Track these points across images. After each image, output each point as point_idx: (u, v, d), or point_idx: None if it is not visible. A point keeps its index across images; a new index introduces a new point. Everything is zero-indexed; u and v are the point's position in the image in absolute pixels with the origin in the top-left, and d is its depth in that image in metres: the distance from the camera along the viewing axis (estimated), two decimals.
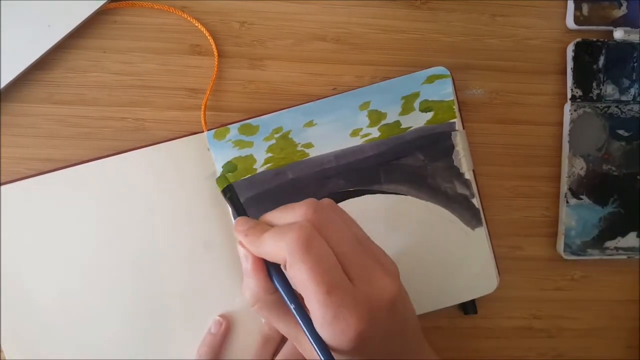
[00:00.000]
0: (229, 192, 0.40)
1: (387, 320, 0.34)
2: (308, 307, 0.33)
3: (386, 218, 0.47)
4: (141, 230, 0.46)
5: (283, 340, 0.46)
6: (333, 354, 0.32)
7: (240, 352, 0.47)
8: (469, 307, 0.50)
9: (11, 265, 0.45)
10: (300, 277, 0.32)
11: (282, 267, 0.35)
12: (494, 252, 0.49)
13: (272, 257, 0.34)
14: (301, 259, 0.32)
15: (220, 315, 0.46)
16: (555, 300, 0.52)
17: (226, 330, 0.46)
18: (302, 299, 0.33)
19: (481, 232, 0.48)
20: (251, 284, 0.35)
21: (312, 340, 0.33)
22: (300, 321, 0.34)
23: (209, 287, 0.46)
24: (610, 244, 0.51)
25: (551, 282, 0.52)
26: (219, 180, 0.40)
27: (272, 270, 0.35)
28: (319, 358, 0.33)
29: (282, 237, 0.33)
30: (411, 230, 0.47)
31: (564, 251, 0.51)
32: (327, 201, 0.36)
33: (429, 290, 0.48)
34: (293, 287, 0.35)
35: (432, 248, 0.48)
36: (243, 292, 0.36)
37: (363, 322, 0.32)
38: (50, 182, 0.45)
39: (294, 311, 0.34)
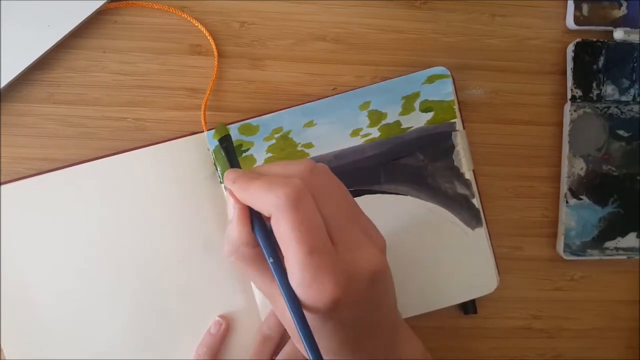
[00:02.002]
0: (226, 142, 0.39)
1: (365, 291, 0.33)
2: (287, 265, 0.32)
3: (386, 218, 0.47)
4: (141, 230, 0.46)
5: (282, 340, 0.46)
6: (305, 314, 0.32)
7: (239, 352, 0.47)
8: (469, 307, 0.50)
9: (11, 265, 0.45)
10: (283, 233, 0.31)
11: (265, 220, 0.34)
12: (493, 252, 0.49)
13: (258, 207, 0.33)
14: (287, 216, 0.31)
15: (220, 316, 0.46)
16: (555, 301, 0.52)
17: (225, 331, 0.46)
18: (282, 256, 0.32)
19: (481, 232, 0.48)
20: (233, 233, 0.34)
21: (285, 298, 0.32)
22: (276, 277, 0.32)
23: (208, 287, 0.46)
24: (610, 244, 0.51)
25: (551, 283, 0.52)
26: (217, 129, 0.39)
27: (255, 222, 0.34)
28: (291, 322, 0.32)
29: (272, 189, 0.32)
30: (411, 230, 0.47)
31: (564, 251, 0.51)
32: (322, 165, 0.35)
33: (429, 290, 0.48)
34: (275, 242, 0.33)
35: (432, 248, 0.48)
36: (224, 243, 0.35)
37: (340, 288, 0.31)
38: (50, 182, 0.45)
39: (271, 266, 0.33)
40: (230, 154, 0.39)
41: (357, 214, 0.35)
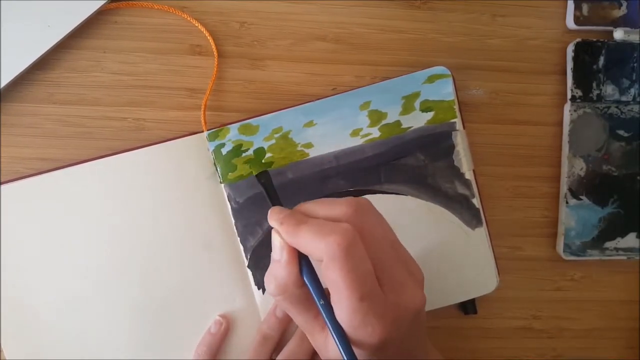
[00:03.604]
0: (264, 178, 0.40)
1: (409, 327, 0.34)
2: (336, 307, 0.33)
3: (386, 218, 0.47)
4: (141, 230, 0.46)
5: (281, 339, 0.46)
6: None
7: (239, 352, 0.46)
8: (469, 307, 0.50)
9: (11, 264, 0.45)
10: (335, 280, 0.32)
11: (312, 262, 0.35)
12: (494, 252, 0.49)
13: (307, 252, 0.34)
14: (339, 264, 0.32)
15: (221, 315, 0.46)
16: (555, 301, 0.53)
17: (226, 330, 0.46)
18: (329, 295, 0.33)
19: (481, 232, 0.48)
20: (281, 274, 0.35)
21: (335, 337, 0.33)
22: (326, 318, 0.34)
23: (208, 287, 0.46)
24: (609, 244, 0.51)
25: (551, 283, 0.52)
26: (254, 165, 0.41)
27: (303, 265, 0.35)
28: (334, 356, 0.33)
29: (324, 237, 0.32)
30: (411, 230, 0.47)
31: (564, 251, 0.51)
32: (366, 202, 0.36)
33: (429, 289, 0.47)
34: (322, 283, 0.35)
35: (433, 248, 0.48)
36: (268, 282, 0.36)
37: (388, 330, 0.33)
38: (50, 182, 0.45)
39: (321, 308, 0.34)
40: (269, 189, 0.40)
41: (399, 250, 0.36)
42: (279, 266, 0.35)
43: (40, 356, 0.45)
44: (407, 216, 0.47)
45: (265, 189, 0.40)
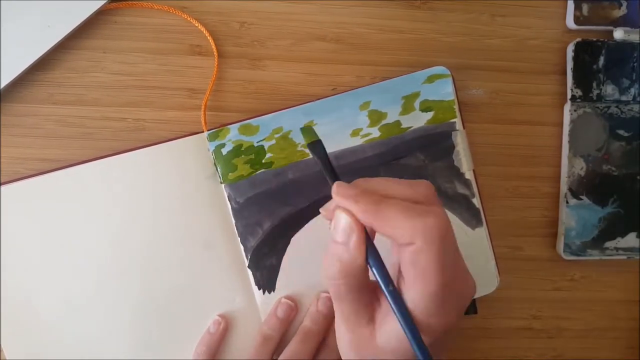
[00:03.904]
0: (318, 148, 0.37)
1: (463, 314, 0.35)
2: (410, 294, 0.32)
3: None
4: (141, 230, 0.46)
5: (282, 340, 0.46)
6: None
7: (239, 352, 0.47)
8: (469, 307, 0.50)
9: (11, 265, 0.44)
10: (425, 265, 0.31)
11: (393, 247, 0.34)
12: (494, 252, 0.49)
13: (390, 234, 0.31)
14: (437, 248, 0.31)
15: (220, 315, 0.46)
16: (555, 301, 0.53)
17: (225, 330, 0.46)
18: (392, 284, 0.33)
19: (481, 232, 0.48)
20: (347, 258, 0.32)
21: (405, 325, 0.31)
22: (395, 304, 0.32)
23: (209, 287, 0.46)
24: (610, 244, 0.51)
25: (551, 283, 0.52)
26: (306, 132, 0.37)
27: (369, 248, 0.33)
28: (382, 348, 0.33)
29: (417, 218, 0.31)
30: None
31: (564, 251, 0.51)
32: (431, 184, 0.35)
33: None
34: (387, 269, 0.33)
35: None
36: (329, 265, 0.33)
37: (455, 318, 0.33)
38: (50, 182, 0.45)
39: (388, 294, 0.32)
40: (325, 160, 0.37)
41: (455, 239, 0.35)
42: (346, 249, 0.33)
43: (40, 356, 0.45)
44: None
45: (321, 162, 0.36)
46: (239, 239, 0.46)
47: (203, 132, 0.46)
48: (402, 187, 0.33)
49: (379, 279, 0.33)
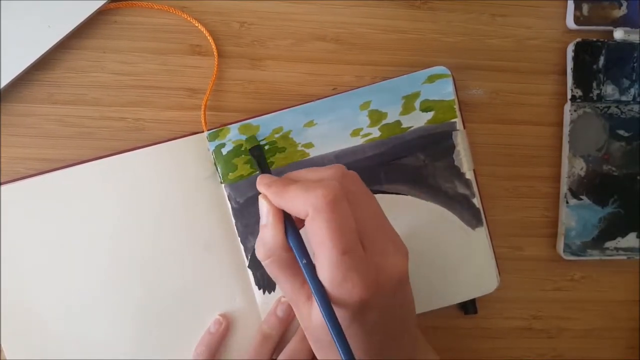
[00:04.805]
0: (257, 151, 0.42)
1: (390, 297, 0.34)
2: (318, 265, 0.33)
3: (387, 218, 0.47)
4: (141, 230, 0.46)
5: (282, 339, 0.46)
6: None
7: (238, 352, 0.46)
8: (469, 307, 0.50)
9: (11, 265, 0.44)
10: (319, 232, 0.32)
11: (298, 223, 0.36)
12: (494, 252, 0.49)
13: (294, 209, 0.34)
14: (325, 215, 0.32)
15: (221, 315, 0.46)
16: (555, 301, 0.53)
17: (225, 330, 0.46)
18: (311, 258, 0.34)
19: (482, 231, 0.48)
20: (268, 237, 0.35)
21: (316, 296, 0.33)
22: (308, 276, 0.34)
23: (209, 287, 0.46)
24: (610, 244, 0.51)
25: (551, 283, 0.52)
26: (249, 140, 0.43)
27: (288, 226, 0.36)
28: (317, 325, 0.33)
29: (310, 191, 0.33)
30: (412, 230, 0.47)
31: (564, 251, 0.51)
32: (353, 172, 0.37)
33: (429, 289, 0.48)
34: (306, 245, 0.35)
35: (433, 248, 0.48)
36: (257, 248, 0.36)
37: (368, 290, 0.32)
38: (50, 182, 0.45)
39: (303, 267, 0.34)
40: (262, 160, 0.42)
41: (384, 222, 0.37)
42: (266, 230, 0.36)
43: (40, 356, 0.45)
44: (408, 216, 0.47)
45: (257, 161, 0.41)
46: (239, 238, 0.46)
47: (203, 132, 0.46)
48: (311, 171, 0.36)
49: (296, 254, 0.35)
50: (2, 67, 0.44)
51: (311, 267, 0.34)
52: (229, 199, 0.46)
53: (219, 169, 0.46)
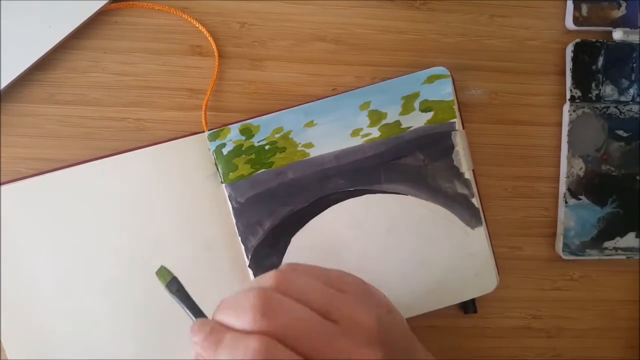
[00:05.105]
0: (176, 286, 0.38)
1: (384, 345, 0.34)
2: None
3: (386, 218, 0.47)
4: (141, 230, 0.46)
5: None
6: None
7: None
8: (469, 307, 0.50)
9: (11, 265, 0.45)
10: None
11: None
12: (493, 252, 0.49)
13: None
14: None
15: None
16: (555, 300, 0.53)
17: None
18: None
19: (481, 231, 0.48)
20: None
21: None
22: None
23: (209, 287, 0.46)
24: (609, 244, 0.51)
25: (550, 282, 0.52)
26: (161, 274, 0.38)
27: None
28: None
29: (237, 353, 0.32)
30: (411, 229, 0.47)
31: (563, 251, 0.51)
32: (284, 266, 0.36)
33: (429, 289, 0.48)
34: None
35: (432, 247, 0.48)
36: None
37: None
38: (50, 182, 0.45)
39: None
40: (185, 299, 0.38)
41: (338, 284, 0.35)
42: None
43: (40, 356, 0.45)
44: (407, 216, 0.47)
45: (180, 300, 0.38)
46: (239, 238, 0.46)
47: (204, 132, 0.46)
48: (230, 312, 0.34)
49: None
50: (2, 67, 0.44)
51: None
52: (229, 199, 0.46)
53: (219, 169, 0.46)
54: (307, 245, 0.47)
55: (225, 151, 0.46)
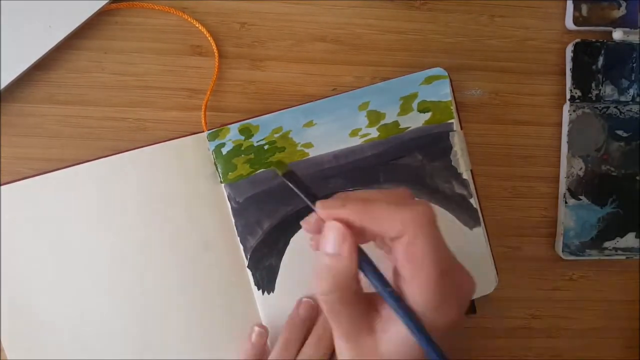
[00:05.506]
0: (294, 176, 0.38)
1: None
2: (413, 288, 0.31)
3: None
4: (141, 229, 0.46)
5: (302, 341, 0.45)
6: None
7: (236, 352, 0.46)
8: (468, 307, 0.50)
9: (11, 265, 0.45)
10: (419, 253, 0.30)
11: (386, 241, 0.33)
12: (492, 252, 0.49)
13: (382, 229, 0.31)
14: (429, 235, 0.30)
15: (258, 325, 0.46)
16: (554, 301, 0.53)
17: (266, 339, 0.46)
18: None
19: (479, 232, 0.48)
20: (341, 268, 0.32)
21: (412, 324, 0.31)
22: (395, 303, 0.31)
23: (208, 287, 0.46)
24: (608, 244, 0.51)
25: (550, 282, 0.52)
26: (279, 167, 0.40)
27: (361, 255, 0.32)
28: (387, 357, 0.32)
29: (407, 209, 0.31)
30: None
31: (563, 251, 0.51)
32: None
33: None
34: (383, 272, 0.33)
35: None
36: (321, 279, 0.32)
37: (460, 310, 0.32)
38: (50, 182, 0.45)
39: (388, 296, 0.32)
40: (302, 186, 0.37)
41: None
42: (338, 260, 0.32)
43: (40, 356, 0.45)
44: None
45: (297, 187, 0.37)
46: (238, 238, 0.47)
47: (203, 132, 0.47)
48: (380, 192, 0.34)
49: (376, 283, 0.32)
50: (3, 67, 0.45)
51: (397, 294, 0.32)
52: (228, 199, 0.46)
53: (218, 169, 0.46)
54: (306, 247, 0.46)
55: (224, 151, 0.46)
